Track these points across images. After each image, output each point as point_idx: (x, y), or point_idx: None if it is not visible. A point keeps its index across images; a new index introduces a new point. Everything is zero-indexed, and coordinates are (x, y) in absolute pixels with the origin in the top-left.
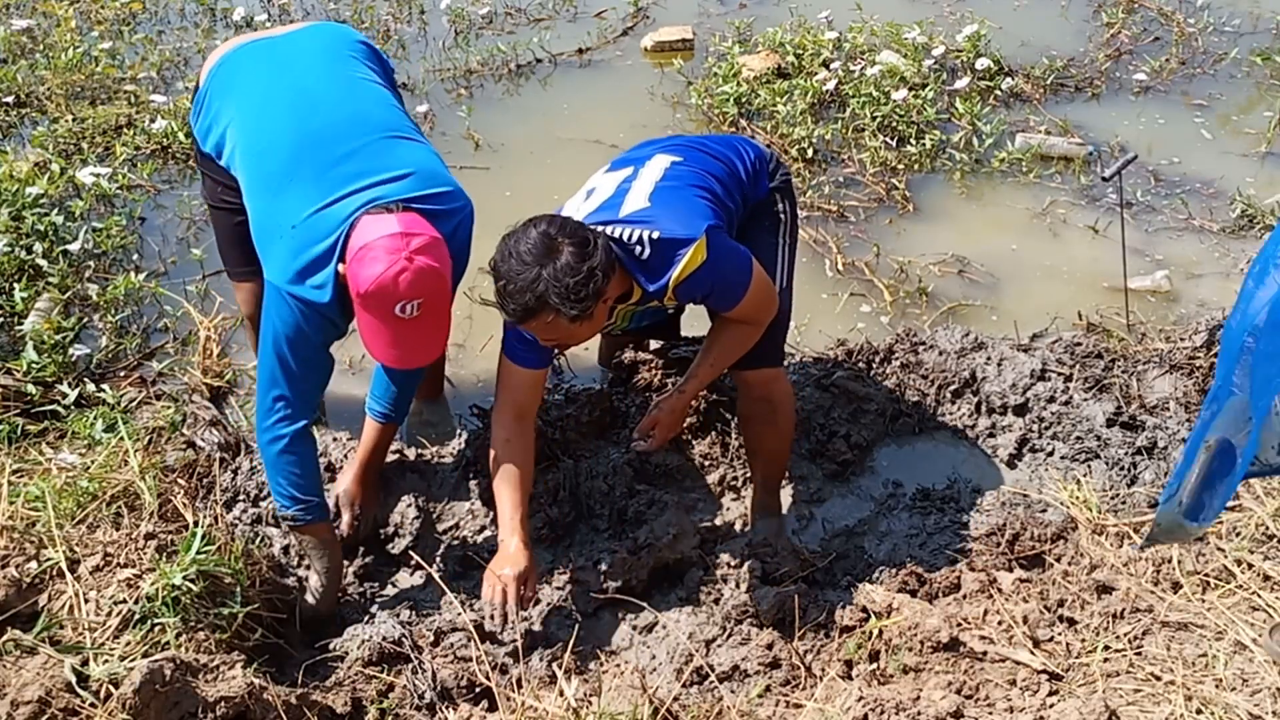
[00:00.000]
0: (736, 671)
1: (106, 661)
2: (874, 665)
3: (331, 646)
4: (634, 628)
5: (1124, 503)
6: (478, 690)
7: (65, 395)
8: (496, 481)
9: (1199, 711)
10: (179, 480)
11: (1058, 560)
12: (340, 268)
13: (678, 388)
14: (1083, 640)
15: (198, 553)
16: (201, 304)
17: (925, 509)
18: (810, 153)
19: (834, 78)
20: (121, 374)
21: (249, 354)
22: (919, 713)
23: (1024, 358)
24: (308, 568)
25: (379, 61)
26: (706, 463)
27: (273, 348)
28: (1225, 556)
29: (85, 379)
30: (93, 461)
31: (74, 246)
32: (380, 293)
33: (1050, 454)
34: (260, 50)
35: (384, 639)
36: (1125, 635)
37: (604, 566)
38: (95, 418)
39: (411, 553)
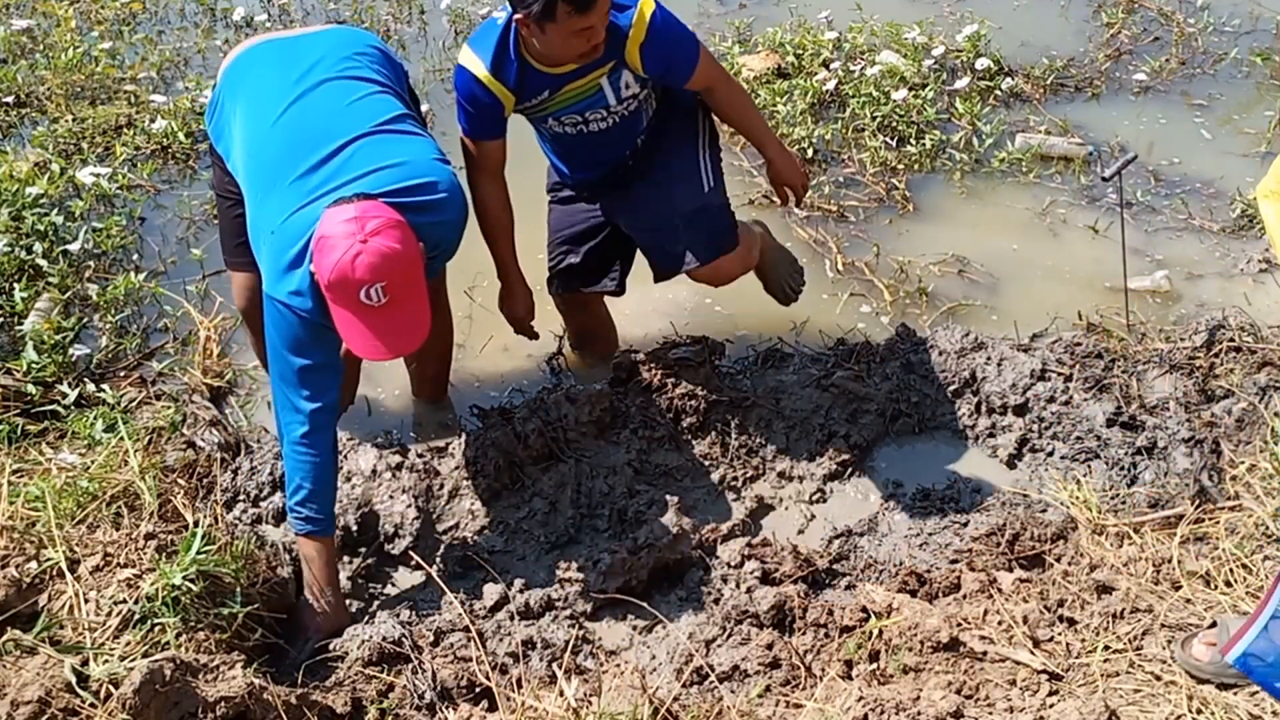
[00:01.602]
0: (736, 671)
1: (106, 661)
2: (874, 665)
3: (331, 646)
4: (634, 628)
5: (1124, 503)
6: (478, 690)
7: (65, 395)
8: (493, 236)
9: (1199, 711)
10: (179, 480)
11: (1058, 560)
12: (312, 268)
13: (766, 155)
14: (1083, 640)
15: (198, 553)
16: (201, 304)
17: (925, 509)
18: (810, 153)
19: (834, 78)
20: (121, 374)
21: (249, 354)
22: (919, 713)
23: (1024, 358)
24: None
25: (390, 65)
26: (706, 463)
27: (272, 354)
28: (1225, 556)
29: (85, 379)
30: (93, 461)
31: (74, 246)
32: (341, 280)
33: (1050, 454)
34: (270, 52)
35: (384, 639)
36: (1125, 635)
37: (604, 566)
38: (95, 418)
39: (411, 553)
